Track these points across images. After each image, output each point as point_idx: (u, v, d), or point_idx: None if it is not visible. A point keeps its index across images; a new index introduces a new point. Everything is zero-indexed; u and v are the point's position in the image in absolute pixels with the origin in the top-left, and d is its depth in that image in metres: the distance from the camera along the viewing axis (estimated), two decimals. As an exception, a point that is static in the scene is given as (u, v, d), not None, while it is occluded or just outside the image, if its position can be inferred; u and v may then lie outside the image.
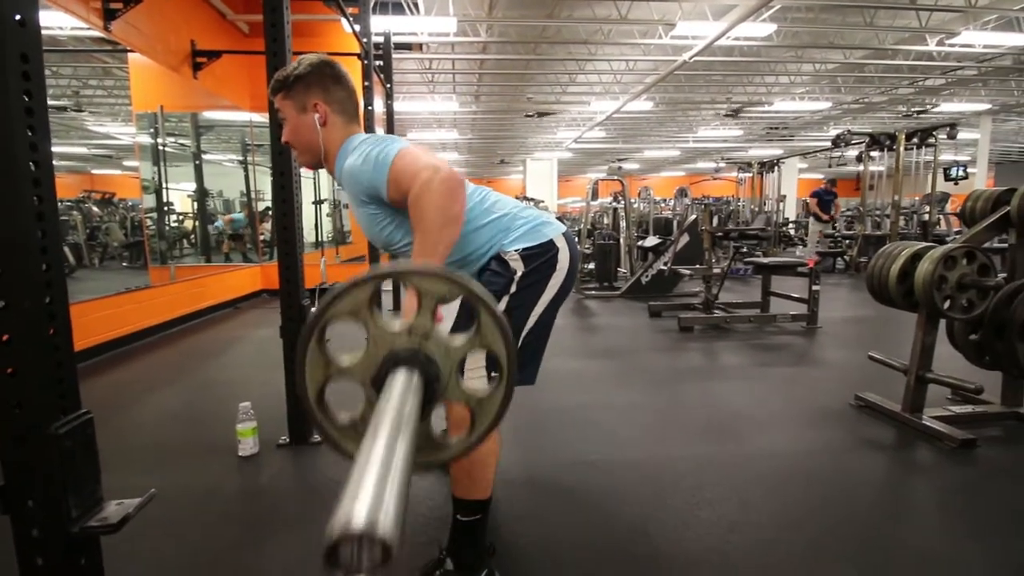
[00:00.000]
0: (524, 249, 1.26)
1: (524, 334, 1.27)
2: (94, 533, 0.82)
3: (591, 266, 6.80)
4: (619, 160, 20.59)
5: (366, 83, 4.23)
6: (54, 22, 3.74)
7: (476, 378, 1.24)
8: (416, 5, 6.64)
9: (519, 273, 1.25)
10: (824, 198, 9.00)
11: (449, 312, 1.94)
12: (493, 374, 1.23)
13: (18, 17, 0.73)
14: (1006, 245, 2.51)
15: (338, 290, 0.51)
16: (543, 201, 14.66)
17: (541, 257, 1.27)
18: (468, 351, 0.56)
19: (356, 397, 0.56)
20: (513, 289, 1.24)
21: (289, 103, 1.25)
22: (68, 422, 0.80)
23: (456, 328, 1.56)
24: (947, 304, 2.28)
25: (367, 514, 0.30)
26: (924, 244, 2.41)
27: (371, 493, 0.32)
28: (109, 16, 3.89)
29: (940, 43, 8.11)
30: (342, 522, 0.30)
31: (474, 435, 0.59)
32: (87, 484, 0.83)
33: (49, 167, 0.78)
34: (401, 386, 0.47)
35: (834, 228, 9.60)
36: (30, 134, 0.75)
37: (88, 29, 3.90)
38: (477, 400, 0.58)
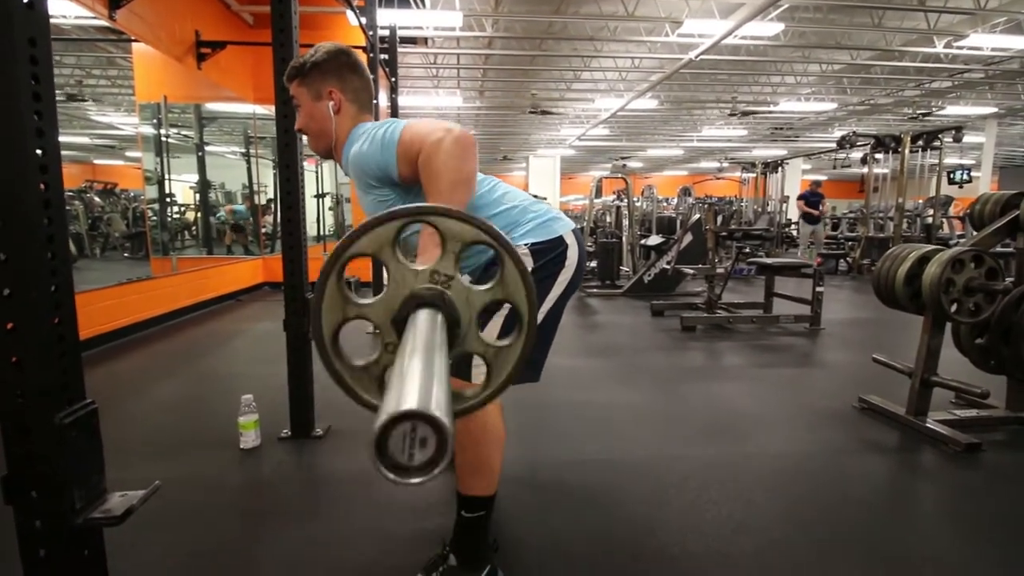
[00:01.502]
0: (534, 244, 1.24)
1: (532, 331, 1.26)
2: (98, 525, 0.81)
3: (593, 264, 6.79)
4: (623, 158, 20.54)
5: (371, 76, 4.22)
6: (59, 10, 3.72)
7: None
8: (422, -1, 6.61)
9: (529, 269, 1.23)
10: (810, 199, 9.05)
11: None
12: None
13: (26, 0, 0.72)
14: (1011, 249, 2.49)
15: (361, 227, 0.49)
16: (546, 198, 14.63)
17: (551, 253, 1.25)
18: (489, 299, 0.53)
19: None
20: (522, 285, 1.23)
21: (304, 90, 1.25)
22: (72, 412, 0.79)
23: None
24: (954, 307, 2.27)
25: (418, 399, 0.27)
26: (932, 247, 2.39)
27: (418, 386, 0.28)
28: (114, 4, 3.87)
29: (948, 45, 8.06)
30: (392, 406, 0.26)
31: (490, 388, 0.57)
32: (91, 475, 0.82)
33: (56, 154, 0.77)
34: (427, 321, 0.44)
35: (826, 227, 9.62)
36: (37, 119, 0.74)
37: (93, 18, 3.88)
38: (495, 351, 0.55)
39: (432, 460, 0.27)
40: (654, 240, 6.75)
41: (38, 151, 0.74)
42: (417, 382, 0.29)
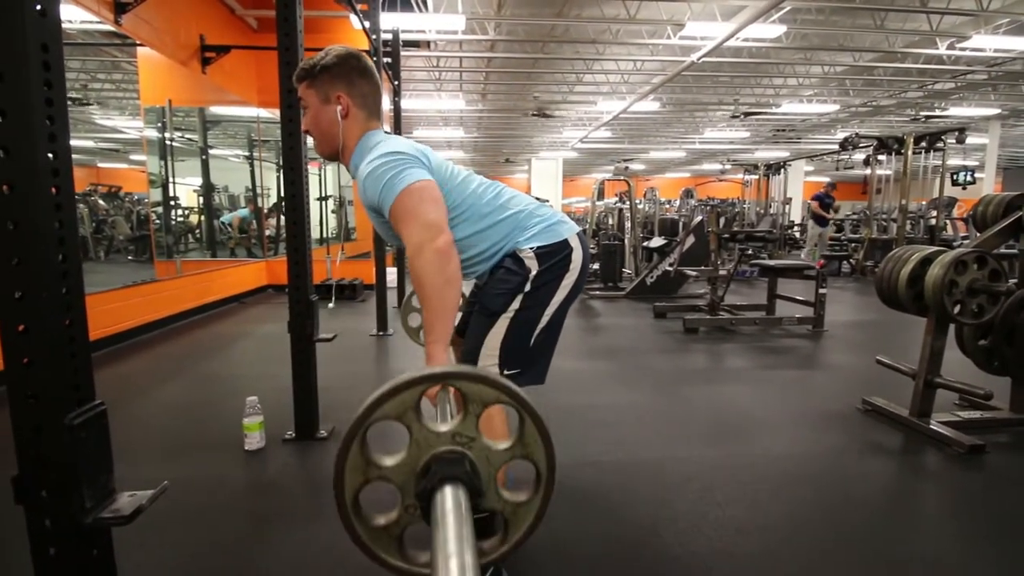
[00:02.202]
0: (539, 247, 1.25)
1: (536, 333, 1.26)
2: (106, 524, 0.82)
3: (596, 266, 6.80)
4: (625, 160, 20.55)
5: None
6: (65, 15, 3.74)
7: (489, 366, 1.24)
8: (425, 2, 6.63)
9: (534, 272, 1.24)
10: (825, 200, 9.11)
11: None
12: (506, 372, 1.23)
13: (39, 7, 0.73)
14: (1015, 251, 2.49)
15: (387, 392, 0.50)
16: (548, 201, 14.63)
17: (556, 256, 1.26)
18: (510, 459, 0.55)
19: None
20: (528, 288, 1.24)
21: (312, 92, 1.25)
22: (83, 413, 0.79)
23: (462, 327, 1.55)
24: (957, 309, 2.27)
25: None
26: (935, 248, 2.39)
27: None
28: (120, 10, 3.89)
29: (951, 47, 8.05)
30: None
31: (507, 544, 0.58)
32: (100, 475, 0.83)
33: (67, 158, 0.78)
34: (454, 512, 0.45)
35: (835, 228, 9.64)
36: (49, 124, 0.75)
37: (99, 23, 3.91)
38: (513, 507, 0.57)
39: None
40: (656, 242, 6.75)
41: (50, 155, 0.75)
42: None
